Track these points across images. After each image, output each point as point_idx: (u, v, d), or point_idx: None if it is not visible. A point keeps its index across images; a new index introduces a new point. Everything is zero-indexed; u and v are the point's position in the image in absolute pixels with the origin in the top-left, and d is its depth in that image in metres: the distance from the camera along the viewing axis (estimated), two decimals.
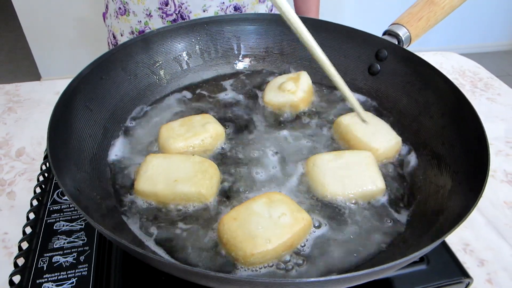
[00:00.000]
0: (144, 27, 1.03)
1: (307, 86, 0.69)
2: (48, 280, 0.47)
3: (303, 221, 0.47)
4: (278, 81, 0.70)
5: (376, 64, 0.68)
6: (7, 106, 0.92)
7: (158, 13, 0.98)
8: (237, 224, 0.45)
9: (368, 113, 0.63)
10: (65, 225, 0.54)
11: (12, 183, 0.72)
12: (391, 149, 0.60)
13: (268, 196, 0.49)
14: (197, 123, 0.60)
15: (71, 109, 0.52)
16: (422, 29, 0.64)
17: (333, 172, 0.53)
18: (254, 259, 0.43)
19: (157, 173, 0.52)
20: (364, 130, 0.59)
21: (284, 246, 0.45)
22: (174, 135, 0.58)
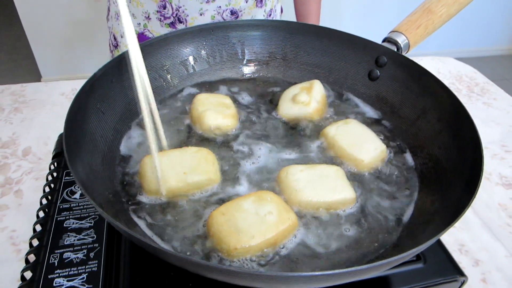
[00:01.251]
0: (143, 30, 1.05)
1: (320, 95, 0.70)
2: (60, 275, 0.49)
3: (288, 220, 0.49)
4: (292, 92, 0.70)
5: (376, 70, 0.70)
6: (13, 106, 0.93)
7: (157, 15, 1.00)
8: (224, 219, 0.48)
9: (353, 120, 0.65)
10: (74, 222, 0.55)
11: (19, 182, 0.74)
12: (376, 159, 0.61)
13: (258, 194, 0.51)
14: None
15: (85, 110, 0.54)
16: (420, 37, 0.66)
17: (305, 181, 0.54)
18: (237, 253, 0.46)
19: (163, 170, 0.54)
20: (350, 141, 0.61)
21: (267, 243, 0.47)
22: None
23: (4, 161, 0.78)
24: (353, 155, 0.60)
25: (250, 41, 0.76)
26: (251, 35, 0.76)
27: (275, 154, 0.63)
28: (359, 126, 0.64)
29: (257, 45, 0.77)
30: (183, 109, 0.71)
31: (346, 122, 0.65)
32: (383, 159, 0.62)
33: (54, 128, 0.85)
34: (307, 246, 0.50)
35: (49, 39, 2.56)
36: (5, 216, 0.67)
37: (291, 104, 0.68)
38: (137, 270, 0.50)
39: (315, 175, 0.55)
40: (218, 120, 0.65)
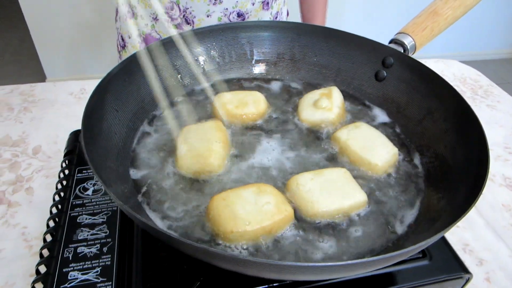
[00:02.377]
0: (150, 30, 1.06)
1: (340, 101, 0.70)
2: (74, 269, 0.50)
3: (285, 212, 0.51)
4: (311, 98, 0.70)
5: (383, 70, 0.72)
6: (22, 106, 0.94)
7: (164, 17, 1.01)
8: (224, 204, 0.50)
9: (363, 124, 0.65)
10: (87, 218, 0.56)
11: (29, 180, 0.75)
12: (389, 162, 0.61)
13: (258, 186, 0.53)
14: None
15: (100, 108, 0.55)
16: (426, 38, 0.67)
17: (317, 190, 0.54)
18: (232, 236, 0.48)
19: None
20: (362, 145, 0.61)
21: (263, 230, 0.49)
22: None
23: (15, 159, 0.80)
24: (367, 159, 0.60)
25: (259, 41, 0.77)
26: (260, 36, 0.77)
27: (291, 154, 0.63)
28: (369, 130, 0.64)
29: (265, 46, 0.78)
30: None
31: (357, 126, 0.64)
32: (395, 162, 0.62)
33: (63, 127, 0.86)
34: (308, 240, 0.51)
35: (54, 40, 2.58)
36: (16, 213, 0.69)
37: (313, 110, 0.68)
38: (149, 263, 0.51)
39: (325, 181, 0.55)
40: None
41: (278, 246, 0.50)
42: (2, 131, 0.86)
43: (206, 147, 0.59)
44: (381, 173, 0.60)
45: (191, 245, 0.35)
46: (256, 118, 0.69)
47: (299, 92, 0.77)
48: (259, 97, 0.70)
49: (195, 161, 0.58)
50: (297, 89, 0.78)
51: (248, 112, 0.68)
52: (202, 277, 0.49)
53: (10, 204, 0.70)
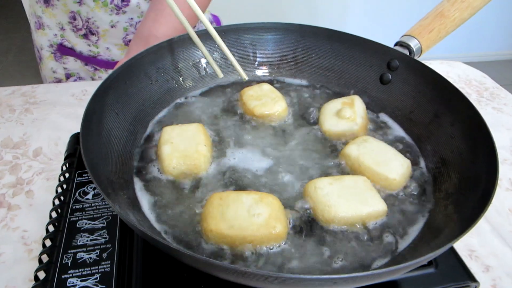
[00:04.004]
0: (61, 40, 1.04)
1: (363, 111, 0.68)
2: (73, 275, 0.49)
3: (271, 228, 0.49)
4: (333, 107, 0.68)
5: (388, 73, 0.70)
6: (24, 107, 0.93)
7: (70, 26, 1.00)
8: (219, 203, 0.50)
9: (369, 137, 0.63)
10: (87, 223, 0.55)
11: (30, 182, 0.74)
12: (405, 175, 0.59)
13: (261, 195, 0.52)
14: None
15: (100, 111, 0.55)
16: (432, 41, 0.66)
17: (336, 194, 0.53)
18: (211, 235, 0.49)
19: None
20: (375, 159, 0.58)
21: (242, 239, 0.48)
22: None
23: (15, 162, 0.79)
24: (384, 174, 0.57)
25: (262, 43, 0.77)
26: (263, 38, 0.76)
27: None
28: (378, 143, 0.61)
29: (268, 48, 0.77)
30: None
31: (365, 140, 0.62)
32: (410, 175, 0.60)
33: (64, 129, 0.86)
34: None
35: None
36: (16, 216, 0.68)
37: (336, 120, 0.66)
38: (149, 270, 0.50)
39: (344, 187, 0.54)
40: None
41: (258, 260, 0.49)
42: (3, 133, 0.86)
43: (194, 149, 0.58)
44: (398, 188, 0.58)
45: (193, 257, 0.35)
46: (275, 119, 0.68)
47: (311, 96, 0.76)
48: (281, 99, 0.70)
49: (182, 162, 0.57)
50: (303, 93, 0.77)
51: (270, 112, 0.68)
52: (203, 284, 0.48)
53: (10, 207, 0.69)
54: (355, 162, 0.59)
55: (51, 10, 1.00)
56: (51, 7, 1.00)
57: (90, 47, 1.05)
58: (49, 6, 1.00)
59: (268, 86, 0.71)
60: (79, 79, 1.14)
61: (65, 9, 0.98)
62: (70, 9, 0.97)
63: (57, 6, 0.99)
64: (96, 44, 1.04)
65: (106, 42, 1.03)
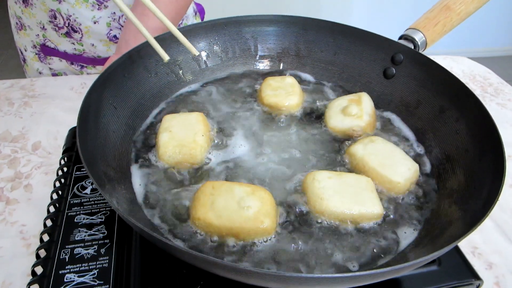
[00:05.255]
0: (43, 40, 1.02)
1: (370, 108, 0.66)
2: (70, 271, 0.48)
3: (259, 223, 0.48)
4: (339, 104, 0.67)
5: (392, 67, 0.69)
6: (23, 101, 0.93)
7: (50, 25, 0.97)
8: (211, 191, 0.50)
9: (378, 138, 0.61)
10: (85, 218, 0.55)
11: (28, 176, 0.73)
12: (411, 180, 0.57)
13: (254, 188, 0.51)
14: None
15: (97, 105, 0.54)
16: (438, 34, 0.65)
17: (332, 189, 0.52)
18: (199, 223, 0.49)
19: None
20: (381, 160, 0.56)
21: (229, 230, 0.48)
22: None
23: (14, 155, 0.78)
24: (388, 177, 0.55)
25: (264, 36, 0.75)
26: (265, 31, 0.75)
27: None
28: (386, 144, 0.60)
29: (270, 41, 0.76)
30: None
31: (372, 140, 0.60)
32: (416, 179, 0.58)
33: (63, 123, 0.85)
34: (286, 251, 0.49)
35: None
36: (14, 210, 0.67)
37: (342, 117, 0.64)
38: (148, 266, 0.49)
39: (343, 184, 0.53)
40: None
41: (243, 252, 0.48)
42: (2, 126, 0.85)
43: (191, 139, 0.58)
44: (403, 191, 0.56)
45: (192, 254, 0.34)
46: (284, 112, 0.68)
47: (315, 91, 0.75)
48: (297, 94, 0.69)
49: (178, 151, 0.57)
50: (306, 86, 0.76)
51: (279, 103, 0.67)
52: (202, 281, 0.47)
53: (9, 201, 0.68)
54: (359, 162, 0.58)
55: (30, 9, 0.97)
56: (30, 6, 0.97)
57: (74, 45, 1.02)
58: (28, 6, 0.97)
59: (291, 80, 0.71)
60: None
61: (44, 8, 0.95)
62: (50, 7, 0.94)
63: (36, 5, 0.95)
64: (80, 42, 1.01)
65: (90, 39, 1.00)
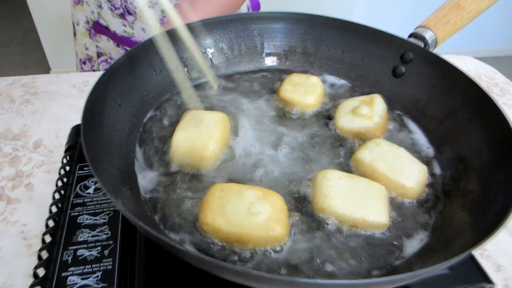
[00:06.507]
0: (97, 18, 1.03)
1: (382, 110, 0.64)
2: (74, 273, 0.47)
3: (270, 231, 0.46)
4: (350, 104, 0.65)
5: (401, 66, 0.68)
6: (24, 98, 0.92)
7: (108, 5, 0.99)
8: (220, 195, 0.48)
9: (382, 140, 0.59)
10: (88, 218, 0.54)
11: (30, 175, 0.73)
12: (422, 183, 0.55)
13: (265, 192, 0.49)
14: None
15: (102, 102, 0.53)
16: (448, 33, 0.63)
17: (339, 189, 0.51)
18: (207, 228, 0.47)
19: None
20: (390, 165, 0.54)
21: (238, 237, 0.46)
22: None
23: (15, 154, 0.77)
24: (400, 182, 0.53)
25: (270, 34, 0.74)
26: (272, 28, 0.73)
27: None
28: (391, 147, 0.58)
29: (277, 38, 0.74)
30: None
31: (377, 143, 0.58)
32: (426, 182, 0.56)
33: (65, 121, 0.84)
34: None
35: (59, 32, 2.55)
36: (15, 209, 0.66)
37: (351, 117, 0.62)
38: (153, 269, 0.48)
39: (353, 187, 0.51)
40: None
41: (252, 257, 0.47)
42: (3, 124, 0.84)
43: (204, 143, 0.56)
44: (415, 196, 0.54)
45: (203, 259, 0.33)
46: (297, 110, 0.67)
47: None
48: (316, 95, 0.68)
49: (188, 153, 0.55)
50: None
51: (294, 100, 0.66)
52: (208, 284, 0.46)
53: (10, 200, 0.67)
54: (368, 169, 0.55)
55: None
56: None
57: (125, 28, 1.03)
58: None
59: (315, 80, 0.69)
60: (110, 60, 1.13)
61: None
62: None
63: None
64: (132, 25, 1.02)
65: (142, 23, 1.01)
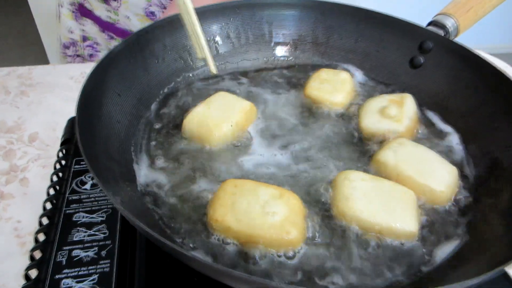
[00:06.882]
0: (83, 0, 1.01)
1: (412, 112, 0.59)
2: (68, 275, 0.44)
3: (285, 233, 0.43)
4: (377, 104, 0.59)
5: (419, 56, 0.64)
6: (19, 90, 0.89)
7: None
8: (233, 191, 0.46)
9: (405, 140, 0.55)
10: (85, 216, 0.51)
11: (25, 169, 0.70)
12: (453, 186, 0.50)
13: (282, 192, 0.46)
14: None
15: (99, 92, 0.49)
16: (470, 21, 0.59)
17: (362, 192, 0.46)
18: (216, 225, 0.44)
19: None
20: (417, 167, 0.49)
21: (248, 238, 0.43)
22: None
23: (10, 147, 0.74)
24: (429, 186, 0.48)
25: (279, 21, 0.71)
26: (280, 15, 0.70)
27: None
28: (416, 147, 0.53)
29: (286, 26, 0.71)
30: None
31: (401, 143, 0.53)
32: (457, 186, 0.51)
33: (62, 113, 0.81)
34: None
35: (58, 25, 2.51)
36: (9, 206, 0.63)
37: (377, 118, 0.57)
38: (154, 271, 0.45)
39: (378, 190, 0.46)
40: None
41: (261, 262, 0.43)
42: None
43: (218, 122, 0.55)
44: (445, 202, 0.49)
45: (212, 267, 0.29)
46: (320, 107, 0.63)
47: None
48: (344, 92, 0.64)
49: (199, 126, 0.55)
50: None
51: (318, 97, 0.63)
52: None
53: (3, 196, 0.65)
54: (392, 171, 0.50)
55: None
56: None
57: (110, 13, 1.01)
58: None
59: (345, 75, 0.65)
60: (95, 45, 1.10)
61: None
62: None
63: None
64: (117, 11, 1.00)
65: (127, 10, 1.00)
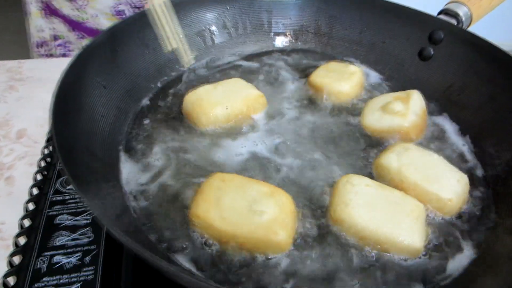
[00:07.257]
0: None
1: (419, 108, 0.55)
2: (48, 284, 0.41)
3: (272, 234, 0.39)
4: (381, 100, 0.56)
5: (429, 47, 0.61)
6: (8, 84, 0.86)
7: None
8: (217, 185, 0.43)
9: (410, 144, 0.51)
10: (68, 218, 0.47)
11: (11, 168, 0.66)
12: (463, 195, 0.46)
13: (272, 189, 0.43)
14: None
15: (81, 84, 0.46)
16: (484, 9, 0.56)
17: (365, 199, 0.42)
18: (198, 222, 0.42)
19: None
20: (423, 173, 0.45)
21: (231, 237, 0.40)
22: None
23: None
24: (436, 193, 0.45)
25: (279, 11, 0.68)
26: (281, 4, 0.67)
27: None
28: (423, 152, 0.49)
29: (287, 16, 0.68)
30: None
31: (406, 148, 0.49)
32: (467, 194, 0.47)
33: None
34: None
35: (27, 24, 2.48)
36: None
37: (380, 114, 0.54)
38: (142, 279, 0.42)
39: (383, 198, 0.43)
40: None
41: (248, 267, 0.40)
42: None
43: (215, 104, 0.54)
44: (453, 212, 0.45)
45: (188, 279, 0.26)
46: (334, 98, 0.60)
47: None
48: (351, 84, 0.61)
49: (196, 102, 0.54)
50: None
51: (322, 85, 0.60)
52: None
53: None
54: (395, 177, 0.46)
55: None
56: None
57: (78, 12, 0.99)
58: None
59: (354, 69, 0.62)
60: (67, 44, 1.07)
61: None
62: None
63: None
64: (84, 10, 0.98)
65: (94, 9, 0.97)
